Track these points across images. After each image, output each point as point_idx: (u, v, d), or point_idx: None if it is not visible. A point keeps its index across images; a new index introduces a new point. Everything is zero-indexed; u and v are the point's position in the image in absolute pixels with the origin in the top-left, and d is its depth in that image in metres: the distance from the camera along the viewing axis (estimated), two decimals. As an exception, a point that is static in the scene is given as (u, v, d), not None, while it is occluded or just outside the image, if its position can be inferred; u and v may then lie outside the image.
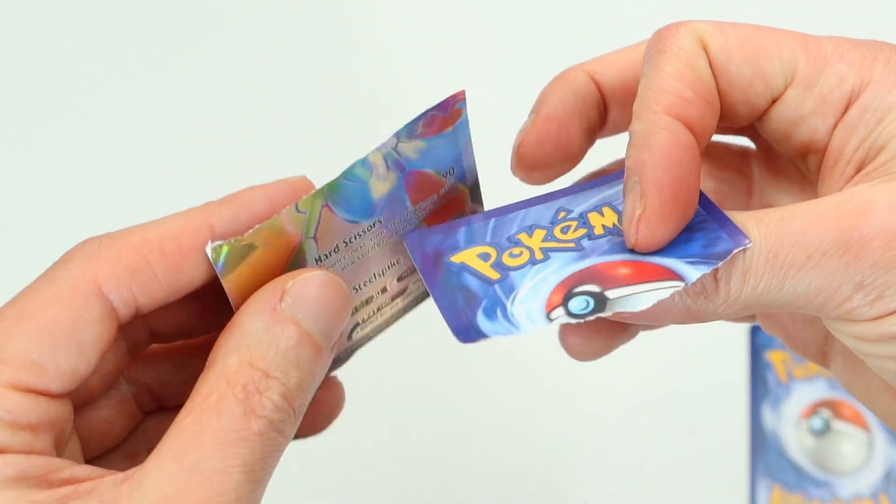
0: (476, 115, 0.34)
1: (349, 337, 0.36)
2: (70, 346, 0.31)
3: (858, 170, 0.32)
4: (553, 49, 0.69)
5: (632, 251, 0.32)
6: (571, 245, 0.33)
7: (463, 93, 0.34)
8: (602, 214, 0.34)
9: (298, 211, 0.33)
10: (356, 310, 0.36)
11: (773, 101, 0.33)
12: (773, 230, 0.30)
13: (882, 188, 0.30)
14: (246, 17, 0.73)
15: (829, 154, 0.32)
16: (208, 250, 0.32)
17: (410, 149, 0.34)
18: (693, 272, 0.30)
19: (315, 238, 0.33)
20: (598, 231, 0.33)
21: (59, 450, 0.31)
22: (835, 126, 0.32)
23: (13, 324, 0.31)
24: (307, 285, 0.32)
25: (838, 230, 0.29)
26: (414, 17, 0.72)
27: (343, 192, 0.33)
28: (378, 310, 0.37)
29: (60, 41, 0.72)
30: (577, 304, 0.31)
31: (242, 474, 0.29)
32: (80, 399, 0.33)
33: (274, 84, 0.71)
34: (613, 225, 0.33)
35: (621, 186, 0.33)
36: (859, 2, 0.71)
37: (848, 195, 0.30)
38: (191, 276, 0.32)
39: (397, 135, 0.33)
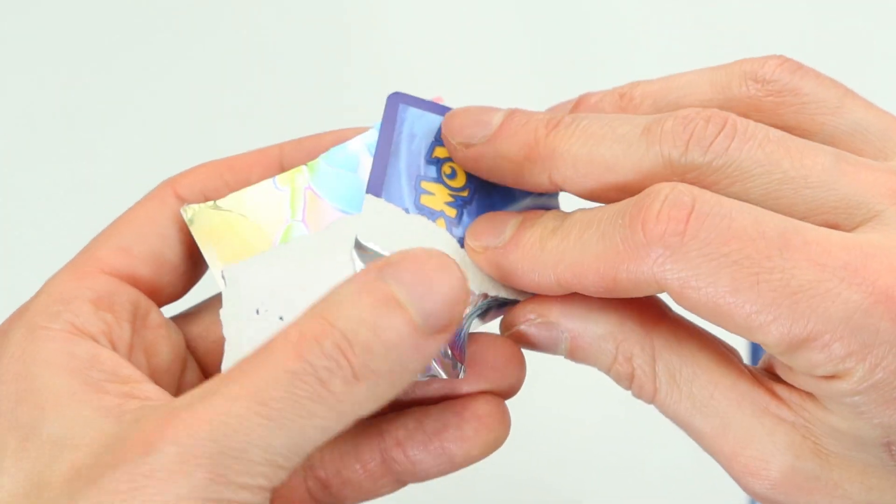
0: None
1: None
2: (150, 233, 0.33)
3: None
4: (546, 54, 0.69)
5: None
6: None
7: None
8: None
9: (277, 188, 0.32)
10: None
11: None
12: None
13: None
14: (241, 17, 0.73)
15: None
16: (182, 211, 0.33)
17: None
18: None
19: (304, 221, 0.33)
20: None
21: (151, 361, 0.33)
22: None
23: (108, 230, 0.34)
24: (415, 260, 0.28)
25: None
26: (410, 18, 0.71)
27: (327, 179, 0.33)
28: None
29: (56, 40, 0.72)
30: None
31: (256, 406, 0.27)
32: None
33: (266, 81, 0.71)
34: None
35: None
36: (859, 2, 0.71)
37: None
38: None
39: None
